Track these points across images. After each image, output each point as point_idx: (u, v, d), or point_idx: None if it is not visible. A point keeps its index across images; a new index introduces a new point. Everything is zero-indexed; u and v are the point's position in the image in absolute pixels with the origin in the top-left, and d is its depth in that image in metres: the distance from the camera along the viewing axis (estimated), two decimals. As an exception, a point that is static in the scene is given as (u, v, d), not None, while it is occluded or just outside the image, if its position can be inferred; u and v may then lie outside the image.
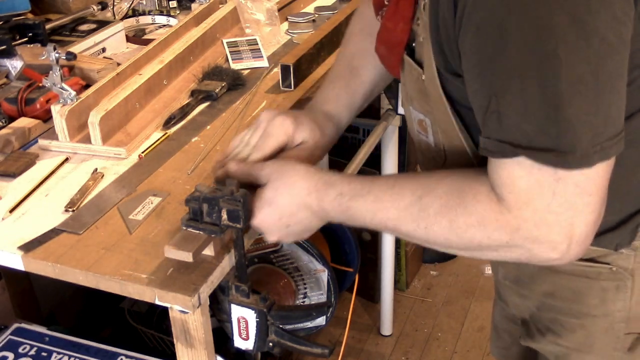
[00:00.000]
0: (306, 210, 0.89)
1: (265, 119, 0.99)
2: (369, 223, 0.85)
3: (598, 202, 0.72)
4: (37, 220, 1.07)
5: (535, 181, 0.71)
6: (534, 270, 0.98)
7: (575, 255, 0.75)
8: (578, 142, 0.68)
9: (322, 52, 1.58)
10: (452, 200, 0.77)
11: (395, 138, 1.96)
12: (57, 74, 1.25)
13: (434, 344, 2.28)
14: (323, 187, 0.88)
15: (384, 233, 0.86)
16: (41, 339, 1.45)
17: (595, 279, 0.93)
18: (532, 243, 0.74)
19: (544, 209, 0.71)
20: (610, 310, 0.94)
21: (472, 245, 0.78)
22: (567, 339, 0.99)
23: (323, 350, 1.00)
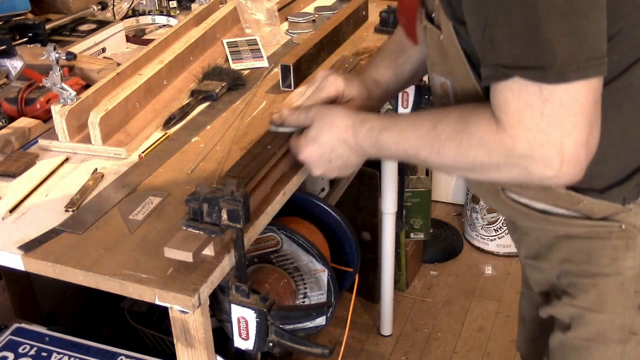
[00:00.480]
0: (345, 145, 1.02)
1: (321, 76, 1.16)
2: (394, 152, 0.98)
3: (584, 123, 0.79)
4: (37, 220, 1.07)
5: (524, 103, 0.80)
6: (551, 239, 1.05)
7: (569, 175, 0.82)
8: (555, 58, 0.77)
9: (322, 52, 1.58)
10: (460, 125, 0.88)
11: (395, 138, 1.96)
12: (57, 74, 1.25)
13: (434, 344, 2.28)
14: (358, 123, 1.01)
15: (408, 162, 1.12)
16: (41, 339, 1.45)
17: (607, 238, 0.98)
18: (527, 161, 0.82)
19: (534, 128, 0.80)
20: (621, 268, 0.99)
21: (476, 164, 0.88)
22: (581, 300, 1.04)
23: (323, 350, 1.00)
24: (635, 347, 1.05)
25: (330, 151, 1.04)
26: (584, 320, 1.06)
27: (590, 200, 0.96)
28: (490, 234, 2.66)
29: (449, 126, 0.90)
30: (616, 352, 1.05)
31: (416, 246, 2.54)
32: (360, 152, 1.03)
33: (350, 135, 1.01)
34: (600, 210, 0.97)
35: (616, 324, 1.04)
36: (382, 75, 1.21)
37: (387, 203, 2.06)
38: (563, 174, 0.82)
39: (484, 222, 2.66)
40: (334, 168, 1.06)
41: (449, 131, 0.89)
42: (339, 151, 1.03)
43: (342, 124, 1.02)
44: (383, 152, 1.00)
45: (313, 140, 1.04)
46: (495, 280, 2.57)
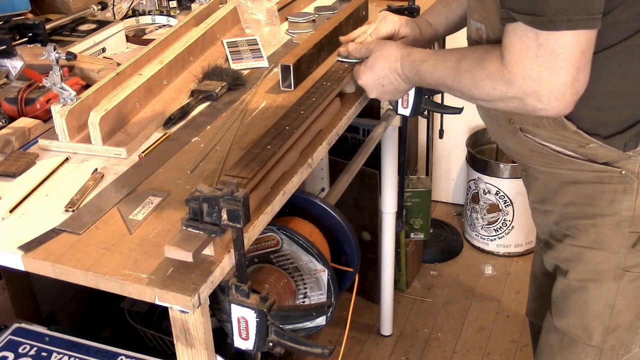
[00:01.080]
0: (394, 73, 1.24)
1: (381, 16, 1.39)
2: (429, 80, 1.17)
3: (571, 68, 0.93)
4: (37, 220, 1.07)
5: (524, 45, 0.95)
6: (556, 186, 1.19)
7: (556, 109, 0.97)
8: (548, 8, 0.90)
9: (322, 52, 1.58)
10: (476, 61, 1.05)
11: (395, 138, 1.96)
12: (57, 74, 1.25)
13: (434, 344, 2.28)
14: (405, 55, 1.21)
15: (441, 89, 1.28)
16: (41, 339, 1.45)
17: (608, 183, 1.12)
18: (523, 94, 0.98)
19: (529, 67, 0.95)
20: (618, 209, 1.13)
21: (484, 94, 1.04)
22: (581, 239, 1.19)
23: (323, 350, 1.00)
24: (629, 284, 1.18)
25: (384, 78, 1.25)
26: (582, 259, 1.19)
27: (596, 144, 1.09)
28: (490, 234, 2.66)
29: (468, 62, 1.06)
30: (611, 289, 1.18)
31: (416, 246, 2.54)
32: (406, 80, 1.23)
33: (399, 65, 1.22)
34: (603, 155, 1.10)
35: (611, 262, 1.17)
36: (434, 18, 1.41)
37: (387, 203, 2.06)
38: (551, 107, 0.97)
39: (484, 222, 2.66)
40: (386, 92, 1.28)
41: (467, 66, 1.06)
42: (390, 78, 1.24)
43: (392, 55, 1.23)
44: (422, 80, 1.19)
45: (370, 68, 1.26)
46: (495, 280, 2.57)
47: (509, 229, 2.63)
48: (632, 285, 1.18)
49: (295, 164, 1.19)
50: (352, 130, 2.26)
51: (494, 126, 1.24)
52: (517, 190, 2.54)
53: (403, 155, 2.01)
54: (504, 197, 2.57)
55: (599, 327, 1.21)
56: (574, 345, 1.25)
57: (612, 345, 1.23)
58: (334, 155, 2.17)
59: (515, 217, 2.59)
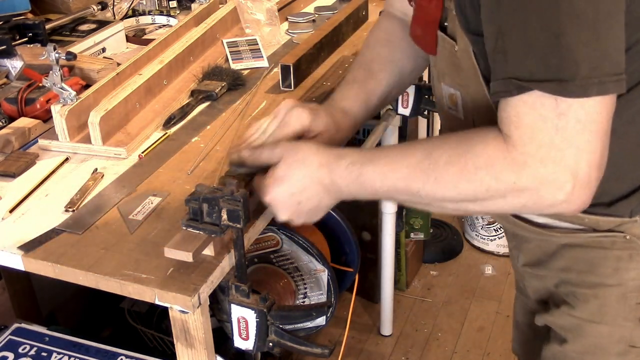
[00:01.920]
0: (318, 185, 0.91)
1: (284, 109, 1.02)
2: (378, 188, 0.87)
3: (599, 142, 0.75)
4: (37, 220, 1.07)
5: (538, 116, 0.74)
6: (554, 247, 1.02)
7: (580, 200, 0.77)
8: (577, 70, 0.72)
9: (322, 52, 1.58)
10: (462, 148, 0.81)
11: (395, 138, 1.96)
12: (57, 74, 1.25)
13: (434, 344, 2.28)
14: (334, 159, 0.90)
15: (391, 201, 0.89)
16: (41, 339, 1.45)
17: (610, 248, 0.95)
18: (538, 182, 0.76)
19: (548, 144, 0.74)
20: (624, 279, 0.96)
21: (481, 190, 0.80)
22: (581, 310, 1.01)
23: (323, 350, 1.00)
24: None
25: (301, 192, 0.92)
26: (582, 332, 1.03)
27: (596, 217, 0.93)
28: (490, 234, 2.66)
29: (447, 151, 0.82)
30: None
31: (416, 246, 2.54)
32: (335, 193, 0.92)
33: (324, 172, 0.90)
34: (605, 224, 0.95)
35: (615, 337, 1.01)
36: (350, 104, 1.10)
37: (387, 203, 2.06)
38: (574, 197, 0.77)
39: (484, 222, 2.66)
40: (302, 212, 0.94)
41: (448, 156, 0.82)
42: (311, 192, 0.92)
43: (315, 160, 0.91)
44: (365, 190, 0.89)
45: (281, 179, 0.92)
46: (495, 280, 2.57)
47: (509, 229, 2.63)
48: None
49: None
50: (352, 130, 2.26)
51: None
52: (517, 190, 2.53)
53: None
54: (504, 197, 2.57)
55: None
56: None
57: None
58: (334, 155, 2.17)
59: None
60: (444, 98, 0.99)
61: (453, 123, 1.00)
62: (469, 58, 0.87)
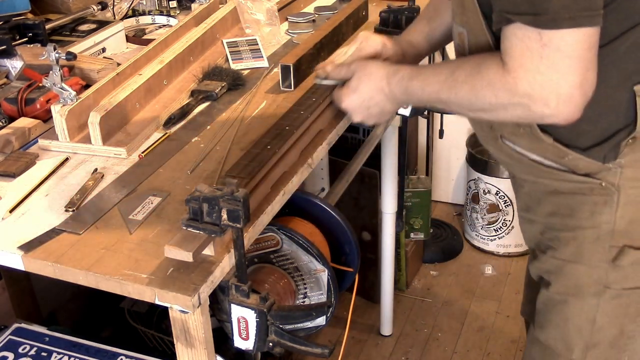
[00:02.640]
0: (381, 94, 1.17)
1: (362, 36, 1.32)
2: (420, 96, 1.12)
3: (579, 67, 0.90)
4: (37, 220, 1.07)
5: (526, 47, 0.92)
6: (540, 195, 1.17)
7: (565, 114, 0.93)
8: (549, 6, 0.88)
9: (322, 52, 1.58)
10: (473, 70, 1.01)
11: (395, 138, 1.96)
12: (57, 74, 1.25)
13: (434, 344, 2.28)
14: (392, 74, 1.15)
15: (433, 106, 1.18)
16: (41, 339, 1.45)
17: (589, 194, 1.09)
18: (528, 99, 0.94)
19: (534, 70, 0.92)
20: (598, 222, 1.10)
21: (486, 104, 1.00)
22: (562, 252, 1.16)
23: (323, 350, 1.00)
24: (609, 301, 1.14)
25: (369, 99, 1.18)
26: (563, 272, 1.16)
27: (575, 156, 1.06)
28: (490, 234, 2.66)
29: (464, 71, 1.02)
30: (591, 305, 1.15)
31: (416, 246, 2.54)
32: (394, 100, 1.17)
33: (385, 84, 1.15)
34: (584, 167, 1.08)
35: (592, 277, 1.13)
36: (416, 37, 1.36)
37: (387, 203, 2.06)
38: (560, 112, 0.93)
39: (484, 222, 2.66)
40: (371, 115, 1.21)
41: (464, 76, 1.02)
42: (376, 99, 1.18)
43: (378, 74, 1.17)
44: (412, 98, 1.15)
45: (353, 90, 1.20)
46: (495, 280, 2.57)
47: (509, 229, 2.63)
48: (613, 302, 1.14)
49: (295, 164, 1.19)
50: (352, 130, 2.26)
51: (478, 131, 1.22)
52: (517, 190, 2.53)
53: (403, 155, 2.01)
54: (503, 197, 2.57)
55: (579, 342, 1.18)
56: (555, 358, 1.22)
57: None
58: (334, 155, 2.17)
59: (515, 217, 2.59)
60: (456, 37, 1.15)
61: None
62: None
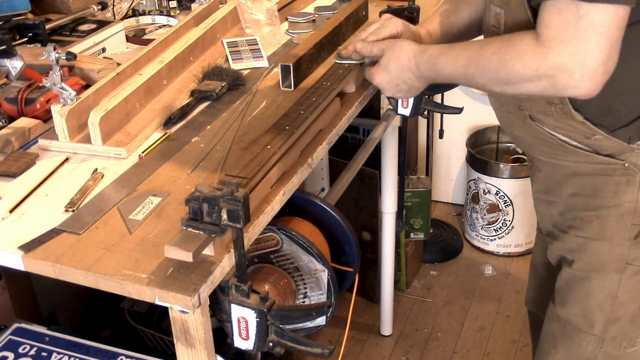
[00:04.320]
0: (409, 72, 1.21)
1: (384, 17, 1.36)
2: (449, 72, 1.15)
3: (606, 44, 0.94)
4: (37, 220, 1.07)
5: (563, 18, 0.95)
6: (561, 177, 1.22)
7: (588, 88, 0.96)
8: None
9: (322, 52, 1.58)
10: (505, 43, 1.04)
11: (395, 138, 1.96)
12: (57, 74, 1.26)
13: (434, 344, 2.28)
14: (420, 52, 1.19)
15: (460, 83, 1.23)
16: (41, 339, 1.45)
17: (611, 175, 1.15)
18: (555, 70, 0.97)
19: (566, 41, 0.95)
20: (621, 200, 1.16)
21: (513, 74, 1.02)
22: (586, 230, 1.21)
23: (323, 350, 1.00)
24: (631, 277, 1.20)
25: (397, 77, 1.23)
26: (586, 250, 1.21)
27: (602, 135, 1.11)
28: (490, 234, 2.66)
29: (494, 45, 1.05)
30: (613, 281, 1.20)
31: (416, 246, 2.54)
32: (421, 77, 1.21)
33: (413, 64, 1.20)
34: (607, 147, 1.12)
35: (614, 254, 1.19)
36: (434, 28, 1.40)
37: (387, 203, 2.06)
38: (583, 84, 0.96)
39: (484, 222, 2.66)
40: (401, 91, 1.26)
41: (494, 48, 1.05)
42: (404, 77, 1.22)
43: (406, 55, 1.21)
44: (440, 75, 1.17)
45: (384, 68, 1.24)
46: (495, 280, 2.57)
47: (509, 229, 2.63)
48: (635, 278, 1.20)
49: (295, 164, 1.19)
50: (352, 130, 2.26)
51: (503, 113, 1.26)
52: (517, 190, 2.53)
53: (403, 155, 2.01)
54: (504, 197, 2.57)
55: (600, 317, 1.23)
56: (575, 333, 1.27)
57: (614, 336, 1.24)
58: (334, 155, 2.17)
59: (515, 217, 2.59)
60: (490, 17, 1.18)
61: None
62: None
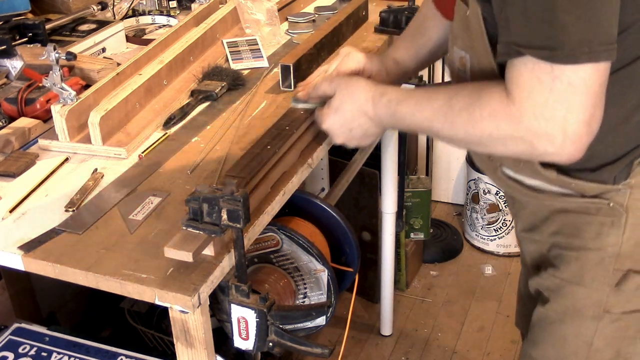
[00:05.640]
0: (364, 116, 1.08)
1: (344, 52, 1.24)
2: (410, 123, 1.04)
3: (589, 103, 0.84)
4: (37, 220, 1.07)
5: (535, 78, 0.84)
6: (546, 213, 1.10)
7: (570, 153, 0.87)
8: (567, 40, 0.81)
9: (322, 52, 1.58)
10: (473, 98, 0.92)
11: (395, 138, 1.96)
12: (57, 74, 1.26)
13: (434, 344, 2.28)
14: (378, 95, 1.07)
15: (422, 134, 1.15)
16: (41, 339, 1.45)
17: (595, 214, 1.03)
18: (532, 135, 0.87)
19: (542, 103, 0.84)
20: (604, 244, 1.04)
21: (485, 136, 0.92)
22: (563, 271, 1.10)
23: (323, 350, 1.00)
24: (608, 326, 1.08)
25: (351, 121, 1.10)
26: (562, 292, 1.11)
27: (581, 183, 1.01)
28: (490, 234, 2.66)
29: (463, 99, 0.94)
30: (589, 328, 1.09)
31: (416, 246, 2.54)
32: (379, 123, 1.09)
33: (370, 106, 1.07)
34: (591, 190, 1.02)
35: (592, 299, 1.08)
36: (402, 55, 1.29)
37: (387, 203, 2.06)
38: (564, 151, 0.86)
39: (484, 222, 2.66)
40: (354, 137, 1.13)
41: (462, 103, 0.94)
42: (360, 121, 1.09)
43: (362, 95, 1.08)
44: (400, 123, 1.06)
45: (336, 110, 1.11)
46: (495, 280, 2.57)
47: (509, 229, 2.63)
48: (612, 326, 1.09)
49: (295, 164, 1.19)
50: (352, 130, 2.25)
51: (475, 158, 1.18)
52: (517, 190, 2.53)
53: (403, 155, 2.01)
54: (503, 197, 2.57)
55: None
56: None
57: None
58: (334, 155, 2.17)
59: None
60: (455, 61, 1.08)
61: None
62: (478, 22, 0.96)
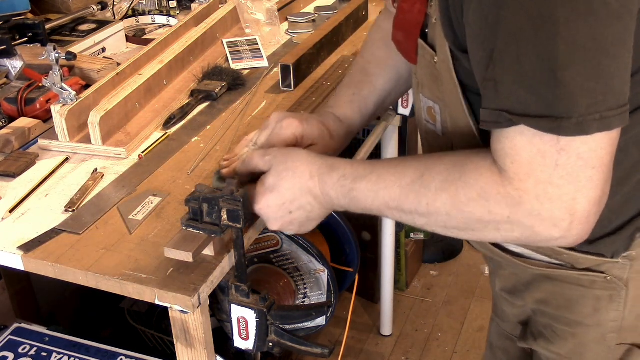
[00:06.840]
0: (308, 195, 0.87)
1: (274, 120, 0.99)
2: (370, 205, 0.83)
3: (601, 178, 0.69)
4: (37, 220, 1.07)
5: (537, 151, 0.68)
6: (529, 278, 0.97)
7: (578, 236, 0.72)
8: (574, 107, 0.65)
9: (322, 52, 1.58)
10: (454, 174, 0.76)
11: (395, 138, 1.96)
12: (57, 74, 1.25)
13: (434, 344, 2.28)
14: (326, 170, 0.86)
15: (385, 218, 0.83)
16: (41, 339, 1.45)
17: (589, 287, 0.90)
18: (533, 219, 0.71)
19: (546, 181, 0.69)
20: (603, 320, 0.92)
21: (473, 221, 0.75)
22: (559, 347, 0.98)
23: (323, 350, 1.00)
24: None
25: (292, 202, 0.88)
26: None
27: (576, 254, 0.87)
28: (490, 234, 2.66)
29: (439, 175, 0.77)
30: None
31: (416, 246, 2.54)
32: (326, 204, 0.88)
33: (316, 183, 0.87)
34: (584, 262, 0.89)
35: None
36: (344, 111, 1.06)
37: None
38: (571, 234, 0.72)
39: (484, 222, 2.66)
40: (294, 222, 0.90)
41: (439, 181, 0.77)
42: (302, 202, 0.88)
43: (306, 170, 0.87)
44: (356, 204, 0.85)
45: (271, 188, 0.89)
46: (495, 280, 2.57)
47: (509, 229, 2.62)
48: None
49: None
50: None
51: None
52: (517, 190, 2.53)
53: (403, 155, 2.01)
54: (504, 197, 2.57)
55: None
56: None
57: None
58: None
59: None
60: (422, 110, 0.93)
61: (431, 138, 0.94)
62: (449, 72, 0.82)
